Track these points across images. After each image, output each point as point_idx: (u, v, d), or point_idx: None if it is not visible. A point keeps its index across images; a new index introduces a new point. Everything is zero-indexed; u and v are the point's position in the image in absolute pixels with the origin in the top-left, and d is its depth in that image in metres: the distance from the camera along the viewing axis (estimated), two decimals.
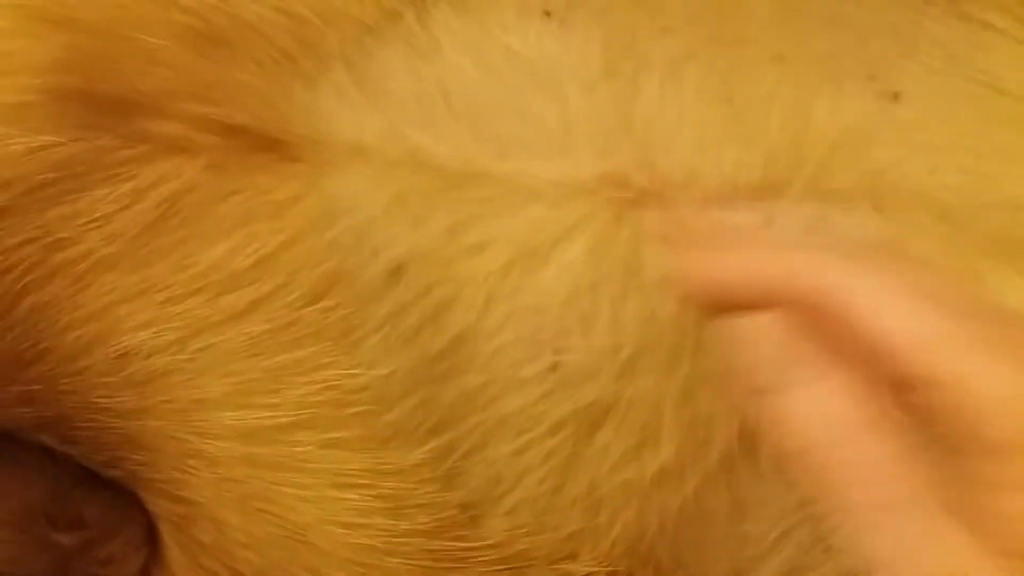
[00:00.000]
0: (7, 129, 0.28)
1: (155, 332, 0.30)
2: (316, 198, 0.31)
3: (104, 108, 0.29)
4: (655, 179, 0.34)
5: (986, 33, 0.34)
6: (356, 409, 0.31)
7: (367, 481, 0.32)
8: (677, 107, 0.34)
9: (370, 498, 0.32)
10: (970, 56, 0.34)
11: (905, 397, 0.24)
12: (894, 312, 0.24)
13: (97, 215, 0.29)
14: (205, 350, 0.30)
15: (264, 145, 0.31)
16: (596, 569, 0.35)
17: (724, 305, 0.28)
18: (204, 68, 0.29)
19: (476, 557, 0.34)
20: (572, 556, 0.35)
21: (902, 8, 0.34)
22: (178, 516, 0.34)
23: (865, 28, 0.34)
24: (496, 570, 0.35)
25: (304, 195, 0.30)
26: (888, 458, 0.24)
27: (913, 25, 0.34)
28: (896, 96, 0.34)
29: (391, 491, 0.32)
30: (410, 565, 0.34)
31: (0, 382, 0.30)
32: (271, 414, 0.31)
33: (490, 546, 0.34)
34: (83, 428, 0.32)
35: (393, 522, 0.33)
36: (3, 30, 0.29)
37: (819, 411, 0.25)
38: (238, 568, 0.35)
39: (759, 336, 0.27)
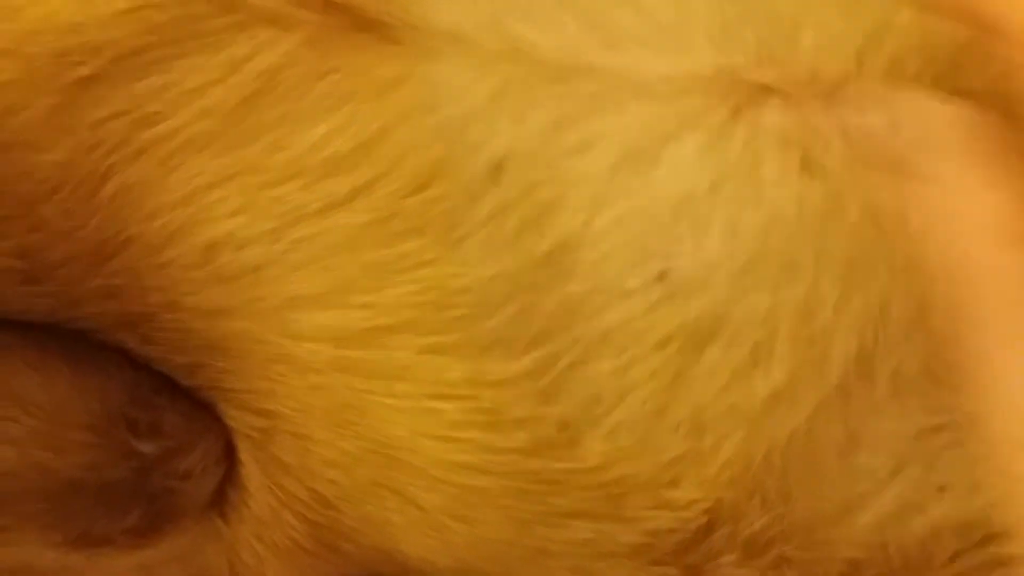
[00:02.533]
0: None
1: (248, 220, 0.27)
2: (418, 81, 0.29)
3: None
4: (776, 75, 0.31)
5: None
6: (458, 312, 0.29)
7: (466, 392, 0.30)
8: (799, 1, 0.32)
9: (468, 410, 0.30)
10: None
11: None
12: None
13: (190, 87, 0.26)
14: (303, 241, 0.28)
15: (363, 25, 0.28)
16: (699, 497, 0.33)
17: None
18: None
19: (573, 481, 0.32)
20: (674, 483, 0.33)
21: None
22: (259, 431, 0.32)
23: None
24: (593, 496, 0.33)
25: (406, 77, 0.28)
26: None
27: None
28: None
29: (490, 404, 0.30)
30: (504, 485, 0.32)
31: (82, 275, 0.28)
32: (369, 314, 0.29)
33: (587, 469, 0.32)
34: (165, 329, 0.30)
35: (491, 436, 0.31)
36: None
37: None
38: (319, 490, 0.33)
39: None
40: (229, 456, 0.33)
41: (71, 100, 0.26)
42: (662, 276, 0.32)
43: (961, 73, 0.32)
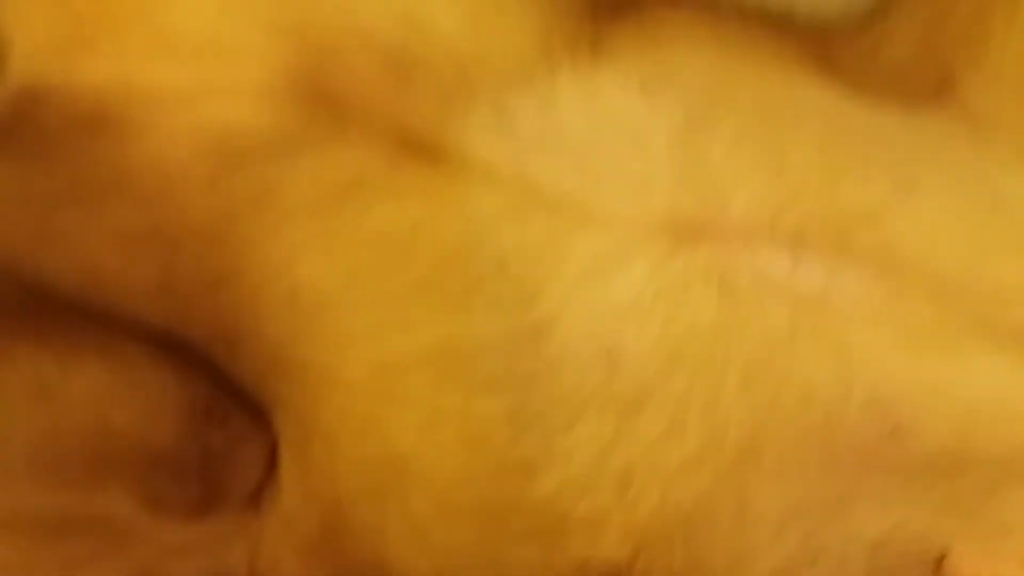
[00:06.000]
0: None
1: (327, 271, 0.39)
2: (451, 196, 0.42)
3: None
4: (709, 224, 0.43)
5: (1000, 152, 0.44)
6: (460, 355, 0.40)
7: (458, 419, 0.41)
8: (735, 170, 0.43)
9: (459, 433, 0.41)
10: (983, 171, 0.44)
11: None
12: None
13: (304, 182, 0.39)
14: (362, 292, 0.39)
15: (424, 147, 0.41)
16: (622, 537, 0.42)
17: None
18: (391, 86, 0.41)
19: (529, 506, 0.42)
20: (604, 521, 0.42)
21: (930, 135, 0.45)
22: (301, 437, 0.42)
23: (897, 141, 0.44)
24: (543, 523, 0.42)
25: (447, 186, 0.41)
26: None
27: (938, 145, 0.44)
28: (910, 188, 0.43)
29: (475, 432, 0.41)
30: (480, 499, 0.42)
31: (199, 298, 0.40)
32: (399, 349, 0.40)
33: (541, 499, 0.42)
34: (248, 350, 0.41)
35: (473, 457, 0.41)
36: None
37: None
38: (339, 492, 0.42)
39: None
40: (273, 459, 0.43)
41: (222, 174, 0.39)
42: (609, 353, 0.43)
43: (852, 236, 0.43)
